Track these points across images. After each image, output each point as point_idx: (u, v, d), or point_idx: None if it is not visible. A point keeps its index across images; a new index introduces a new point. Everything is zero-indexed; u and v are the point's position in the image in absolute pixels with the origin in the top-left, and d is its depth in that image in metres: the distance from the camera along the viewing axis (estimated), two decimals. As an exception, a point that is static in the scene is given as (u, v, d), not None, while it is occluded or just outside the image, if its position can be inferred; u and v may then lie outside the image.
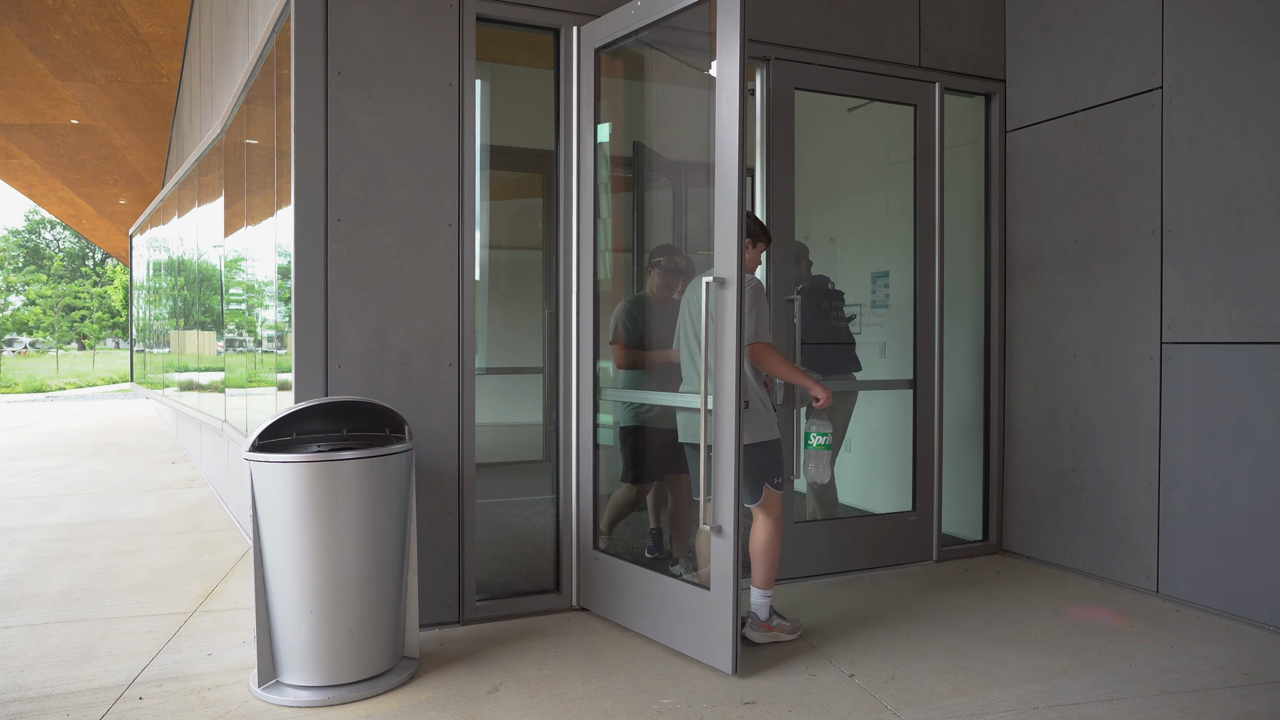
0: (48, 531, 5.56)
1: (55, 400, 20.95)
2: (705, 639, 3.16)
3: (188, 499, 6.71)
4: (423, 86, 3.51)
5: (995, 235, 4.81)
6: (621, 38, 3.59)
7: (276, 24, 4.07)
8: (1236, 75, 3.70)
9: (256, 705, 2.86)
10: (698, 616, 3.19)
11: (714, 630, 3.12)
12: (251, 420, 5.04)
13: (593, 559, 3.72)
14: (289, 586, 2.89)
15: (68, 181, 16.02)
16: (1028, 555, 4.69)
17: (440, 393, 3.55)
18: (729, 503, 3.04)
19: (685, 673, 3.11)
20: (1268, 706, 2.84)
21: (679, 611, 3.28)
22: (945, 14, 4.63)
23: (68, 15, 8.20)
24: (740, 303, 3.02)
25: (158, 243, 11.20)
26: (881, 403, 5.00)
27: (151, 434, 11.92)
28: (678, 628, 3.29)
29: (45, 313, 47.44)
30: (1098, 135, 4.30)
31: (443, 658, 3.26)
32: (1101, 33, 4.29)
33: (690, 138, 4.01)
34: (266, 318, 5.01)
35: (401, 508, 3.09)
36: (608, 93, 3.86)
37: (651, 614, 3.41)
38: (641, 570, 3.49)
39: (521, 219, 4.73)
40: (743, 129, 3.01)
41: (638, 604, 3.48)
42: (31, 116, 11.89)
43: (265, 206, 4.61)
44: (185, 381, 9.07)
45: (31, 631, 3.59)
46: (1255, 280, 3.65)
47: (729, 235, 3.03)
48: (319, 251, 3.38)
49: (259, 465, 2.88)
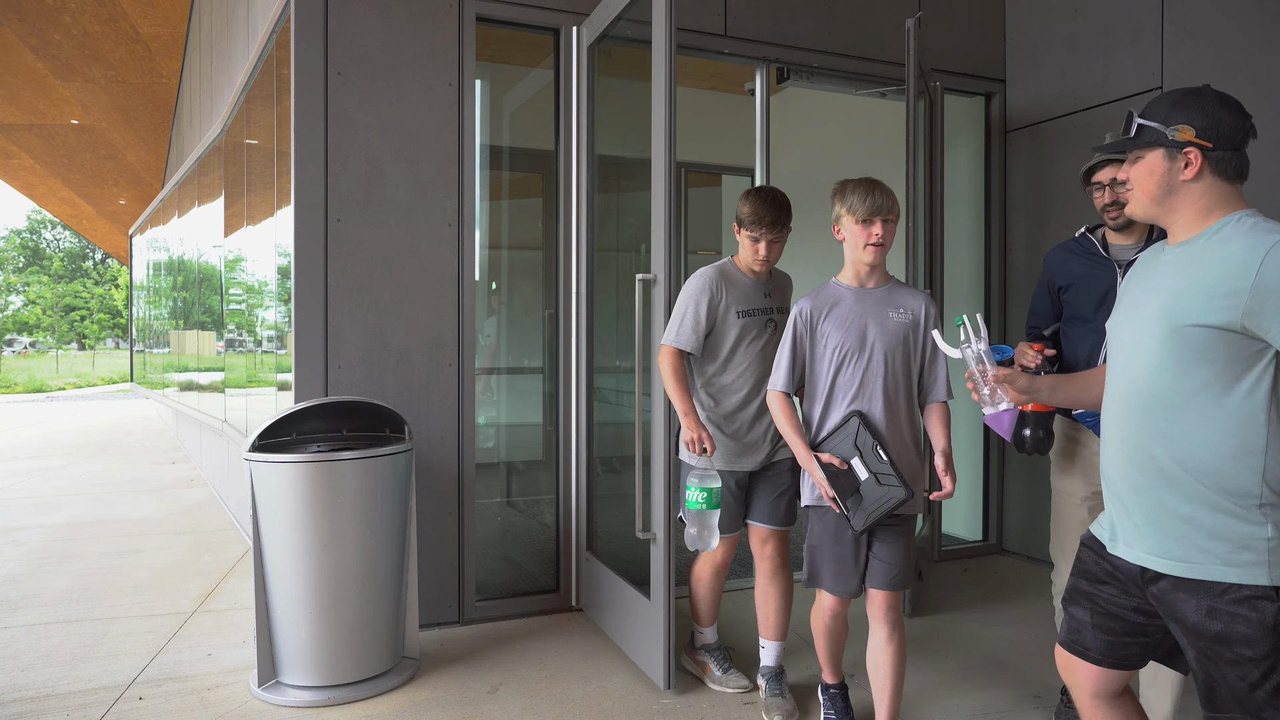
0: (48, 531, 5.56)
1: (55, 400, 20.94)
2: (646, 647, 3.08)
3: (188, 499, 6.71)
4: (423, 86, 3.51)
5: (995, 235, 4.81)
6: (608, 26, 3.53)
7: (276, 24, 4.07)
8: (1236, 75, 3.70)
9: (256, 705, 2.86)
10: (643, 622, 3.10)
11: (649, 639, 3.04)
12: (251, 420, 5.04)
13: (585, 560, 3.71)
14: (289, 586, 2.88)
15: (68, 181, 16.02)
16: (1028, 555, 4.69)
17: (440, 393, 3.55)
18: (660, 510, 2.93)
19: (685, 673, 3.10)
20: (1268, 706, 2.84)
21: (633, 618, 3.20)
22: (945, 14, 4.63)
23: (68, 15, 8.19)
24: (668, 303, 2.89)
25: (158, 243, 11.20)
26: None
27: (151, 434, 11.91)
28: (632, 635, 3.21)
29: (45, 313, 47.46)
30: (1098, 135, 4.30)
31: (443, 658, 3.26)
32: (1101, 33, 4.29)
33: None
34: (266, 318, 5.01)
35: (401, 508, 3.09)
36: (603, 91, 3.85)
37: (620, 620, 3.34)
38: (612, 575, 3.42)
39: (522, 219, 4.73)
40: (670, 125, 2.90)
41: (612, 609, 3.41)
42: (31, 116, 11.88)
43: (265, 206, 4.61)
44: (185, 382, 9.07)
45: (31, 632, 3.59)
46: (1255, 280, 3.64)
47: (659, 231, 2.93)
48: (319, 251, 3.38)
49: (259, 465, 2.88)
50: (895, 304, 2.45)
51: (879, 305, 2.45)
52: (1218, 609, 1.51)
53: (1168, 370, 1.57)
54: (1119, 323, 1.75)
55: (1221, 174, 1.59)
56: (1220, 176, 1.59)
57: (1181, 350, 1.55)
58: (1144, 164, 1.62)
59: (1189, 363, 1.54)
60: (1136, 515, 1.64)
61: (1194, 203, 1.60)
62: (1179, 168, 1.59)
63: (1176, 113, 1.58)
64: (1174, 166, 1.59)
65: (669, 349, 2.82)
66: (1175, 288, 1.57)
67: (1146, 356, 1.61)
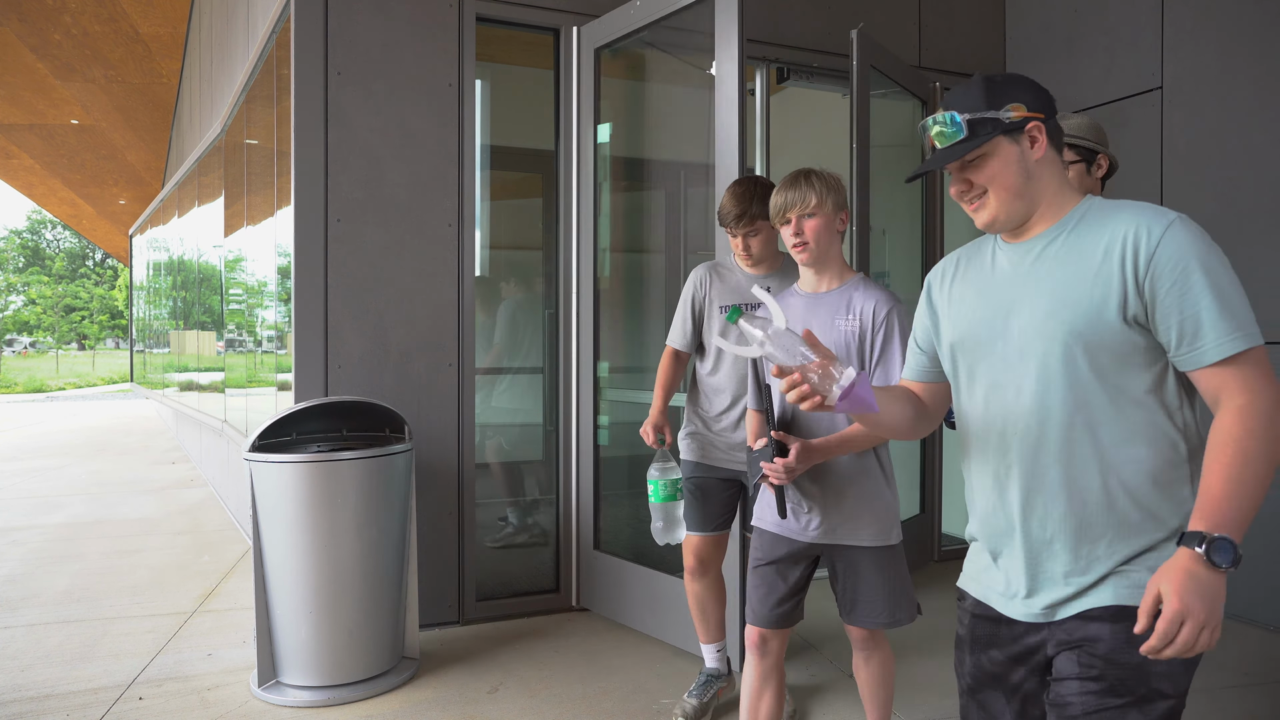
0: (48, 531, 5.56)
1: (55, 400, 20.95)
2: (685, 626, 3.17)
3: (188, 499, 6.71)
4: (423, 86, 3.51)
5: (995, 235, 4.81)
6: (622, 37, 3.59)
7: (276, 24, 4.07)
8: (1236, 75, 3.70)
9: (256, 705, 2.86)
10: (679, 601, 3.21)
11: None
12: (251, 420, 5.04)
13: (593, 558, 3.71)
14: (289, 586, 2.88)
15: (68, 182, 16.02)
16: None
17: (440, 393, 3.55)
18: None
19: (685, 672, 3.10)
20: (1268, 706, 2.84)
21: (667, 601, 3.31)
22: (945, 14, 4.63)
23: (68, 15, 8.19)
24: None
25: (158, 243, 11.20)
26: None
27: (151, 434, 11.91)
28: (667, 616, 3.33)
29: (45, 313, 47.47)
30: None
31: (443, 658, 3.26)
32: (1101, 33, 4.29)
33: (691, 138, 4.00)
34: (266, 318, 5.01)
35: (401, 508, 3.09)
36: (608, 93, 3.86)
37: (657, 612, 3.41)
38: (643, 569, 3.48)
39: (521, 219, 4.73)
40: (743, 130, 3.00)
41: (641, 603, 3.48)
42: (31, 117, 11.88)
43: (265, 206, 4.61)
44: (185, 382, 9.07)
45: (31, 632, 3.59)
46: (1255, 280, 3.64)
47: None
48: (319, 251, 3.38)
49: (259, 465, 2.88)
50: (849, 308, 2.13)
51: (829, 312, 2.14)
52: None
53: (1072, 384, 1.35)
54: (967, 345, 1.49)
55: (1056, 145, 1.44)
56: (1056, 148, 1.44)
57: (1085, 355, 1.34)
58: (995, 159, 1.41)
59: (1098, 367, 1.34)
60: (1063, 555, 1.38)
61: (1050, 182, 1.43)
62: (1027, 148, 1.41)
63: (997, 95, 1.41)
64: (1023, 149, 1.41)
65: (667, 347, 2.84)
66: (1059, 286, 1.37)
67: (1041, 374, 1.37)
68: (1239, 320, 1.29)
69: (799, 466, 2.03)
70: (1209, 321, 1.28)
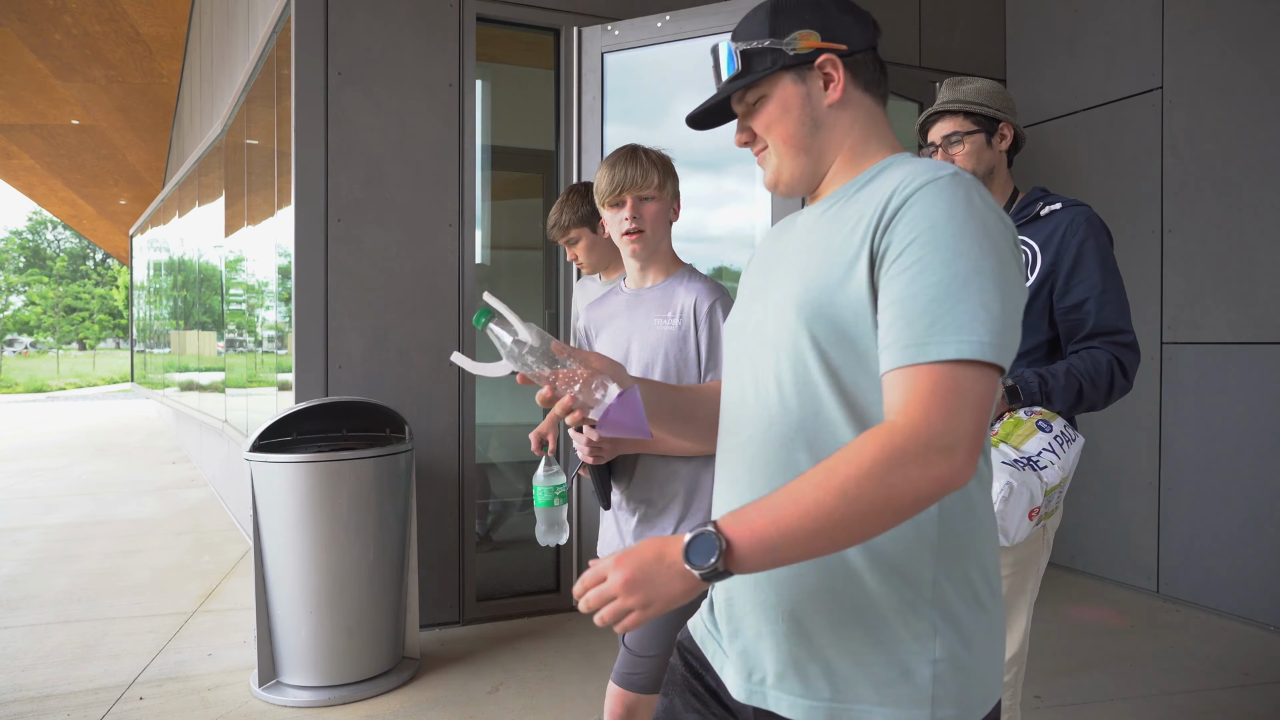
0: (48, 532, 5.56)
1: (56, 401, 20.96)
2: None
3: (188, 499, 6.71)
4: (423, 86, 3.52)
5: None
6: (635, 47, 3.60)
7: (276, 24, 4.07)
8: (1236, 75, 3.70)
9: (257, 705, 2.86)
10: None
11: None
12: (252, 420, 5.04)
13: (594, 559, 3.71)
14: (289, 586, 2.89)
15: (68, 182, 16.04)
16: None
17: (440, 393, 3.55)
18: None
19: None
20: (1268, 706, 2.84)
21: None
22: (945, 14, 4.63)
23: (68, 15, 8.20)
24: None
25: (158, 243, 11.21)
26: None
27: (152, 434, 11.92)
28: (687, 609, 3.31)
29: (46, 313, 47.50)
30: (1098, 135, 4.30)
31: (443, 658, 3.26)
32: (1101, 33, 4.29)
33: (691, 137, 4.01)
34: (267, 318, 5.01)
35: (401, 508, 3.09)
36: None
37: None
38: None
39: (521, 219, 4.73)
40: None
41: None
42: (32, 117, 11.90)
43: (265, 207, 4.62)
44: (185, 382, 9.08)
45: (32, 632, 3.60)
46: (1255, 280, 3.65)
47: None
48: (319, 251, 3.38)
49: (259, 465, 2.89)
50: (670, 305, 1.80)
51: (648, 311, 1.82)
52: None
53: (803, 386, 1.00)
54: (731, 328, 1.18)
55: (867, 85, 1.11)
56: (868, 91, 1.11)
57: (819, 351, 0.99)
58: (772, 103, 1.09)
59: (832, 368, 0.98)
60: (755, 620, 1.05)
61: (847, 133, 1.09)
62: (818, 90, 1.08)
63: (783, 21, 1.08)
64: (812, 90, 1.08)
65: None
66: (810, 262, 1.03)
67: (774, 369, 1.03)
68: (960, 322, 0.87)
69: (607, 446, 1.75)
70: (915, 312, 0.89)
